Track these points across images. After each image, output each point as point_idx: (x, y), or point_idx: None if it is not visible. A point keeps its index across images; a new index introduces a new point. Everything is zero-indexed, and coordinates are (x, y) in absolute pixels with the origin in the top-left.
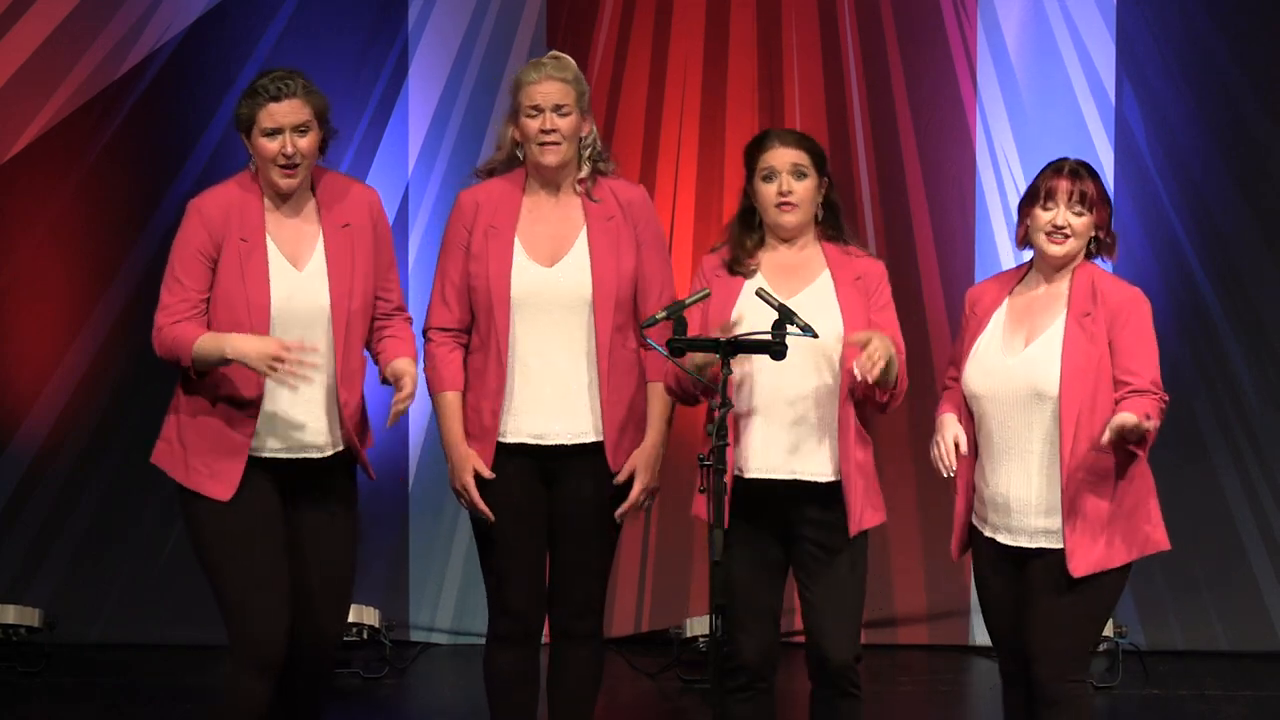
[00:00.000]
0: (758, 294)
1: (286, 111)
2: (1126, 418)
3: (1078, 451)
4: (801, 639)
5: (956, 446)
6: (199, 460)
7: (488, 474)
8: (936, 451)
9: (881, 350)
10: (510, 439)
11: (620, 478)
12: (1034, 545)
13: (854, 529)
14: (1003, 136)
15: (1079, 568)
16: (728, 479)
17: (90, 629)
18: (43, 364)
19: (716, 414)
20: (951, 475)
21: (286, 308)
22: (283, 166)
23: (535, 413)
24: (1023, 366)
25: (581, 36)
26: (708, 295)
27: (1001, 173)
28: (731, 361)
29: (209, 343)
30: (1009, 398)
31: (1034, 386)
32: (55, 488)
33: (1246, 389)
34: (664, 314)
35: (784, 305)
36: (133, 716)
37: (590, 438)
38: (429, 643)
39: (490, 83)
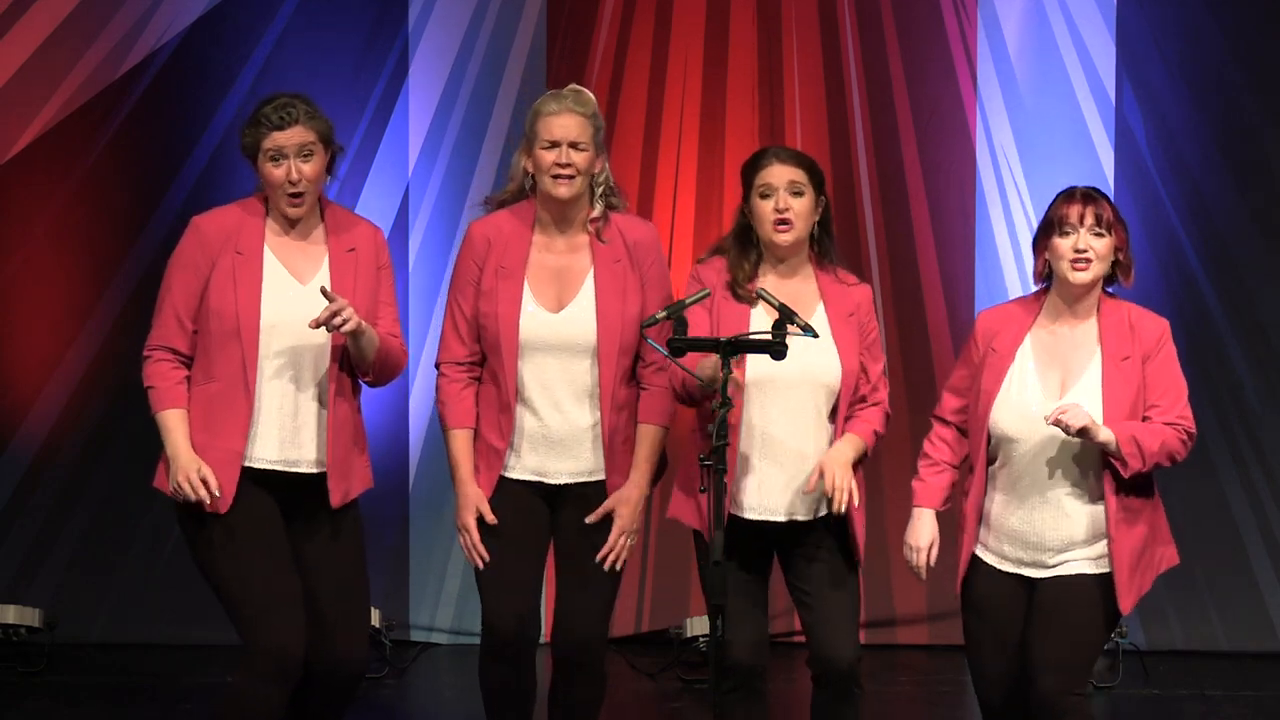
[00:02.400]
0: (758, 294)
1: (290, 137)
2: (1072, 418)
3: (1122, 494)
4: (800, 639)
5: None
6: None
7: (490, 518)
8: (910, 559)
9: (842, 480)
10: (514, 475)
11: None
12: (1069, 573)
13: (860, 554)
14: (1003, 136)
15: (1128, 603)
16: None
17: (90, 629)
18: (43, 364)
19: (717, 414)
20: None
21: (281, 320)
22: (290, 195)
23: (540, 453)
24: None
25: (581, 36)
26: (708, 295)
27: (1001, 173)
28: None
29: (167, 427)
30: (1047, 442)
31: None
32: (55, 488)
33: (1247, 389)
34: (664, 314)
35: (784, 305)
36: (133, 716)
37: (591, 477)
38: (429, 643)
39: (490, 83)
